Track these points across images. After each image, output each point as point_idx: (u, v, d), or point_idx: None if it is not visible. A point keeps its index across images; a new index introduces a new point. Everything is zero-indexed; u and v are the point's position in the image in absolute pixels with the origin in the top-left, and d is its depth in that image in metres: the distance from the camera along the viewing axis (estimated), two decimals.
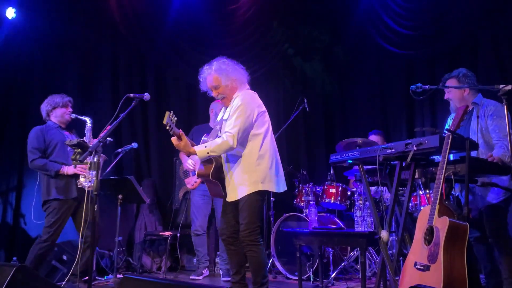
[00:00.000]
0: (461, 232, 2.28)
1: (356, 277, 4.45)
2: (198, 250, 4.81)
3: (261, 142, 3.10)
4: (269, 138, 3.17)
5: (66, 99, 4.07)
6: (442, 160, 2.44)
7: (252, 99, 3.12)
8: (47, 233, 3.80)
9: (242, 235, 3.03)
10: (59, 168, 3.83)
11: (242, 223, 3.04)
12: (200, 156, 3.01)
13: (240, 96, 3.10)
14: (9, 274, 2.66)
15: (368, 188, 3.07)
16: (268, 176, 3.09)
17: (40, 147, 3.87)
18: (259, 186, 3.05)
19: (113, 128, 3.10)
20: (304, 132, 6.39)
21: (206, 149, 2.98)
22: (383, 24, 5.66)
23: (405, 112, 5.69)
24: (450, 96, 3.27)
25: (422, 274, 2.32)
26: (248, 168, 3.07)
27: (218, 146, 2.99)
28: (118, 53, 6.02)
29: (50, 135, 3.94)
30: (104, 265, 4.97)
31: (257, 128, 3.10)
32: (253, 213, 3.04)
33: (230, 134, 2.98)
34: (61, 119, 4.03)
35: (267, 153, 3.12)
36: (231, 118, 3.04)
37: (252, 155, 3.07)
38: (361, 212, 3.57)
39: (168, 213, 5.64)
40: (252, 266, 3.06)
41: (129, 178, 4.40)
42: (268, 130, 3.17)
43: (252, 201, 3.04)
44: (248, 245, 3.02)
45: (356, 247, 4.19)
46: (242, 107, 3.03)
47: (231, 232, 3.18)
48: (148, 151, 5.99)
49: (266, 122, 3.16)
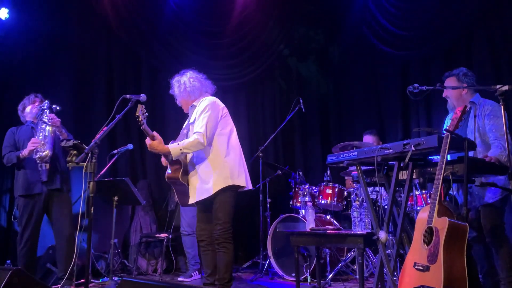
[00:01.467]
0: (460, 232, 2.28)
1: (353, 278, 4.45)
2: (187, 251, 4.79)
3: (227, 141, 3.33)
4: (234, 137, 3.41)
5: (32, 98, 4.18)
6: (441, 160, 2.44)
7: (215, 102, 3.38)
8: (21, 236, 3.86)
9: (218, 234, 3.18)
10: (18, 153, 3.91)
11: (216, 223, 3.19)
12: (173, 153, 3.16)
13: (205, 101, 3.37)
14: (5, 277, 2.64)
15: (366, 188, 3.06)
16: (237, 171, 3.29)
17: (8, 145, 4.03)
18: (229, 181, 3.22)
19: (109, 129, 3.08)
20: (299, 132, 6.39)
21: (178, 147, 3.17)
22: (378, 24, 5.67)
23: (401, 112, 5.70)
24: (448, 94, 3.29)
25: (422, 274, 2.31)
26: (217, 165, 3.24)
27: (190, 144, 3.18)
28: (112, 53, 5.97)
29: (19, 133, 4.08)
30: (100, 268, 4.92)
31: (222, 128, 3.34)
32: (228, 211, 3.22)
33: (200, 133, 3.20)
34: (31, 114, 4.12)
35: (234, 150, 3.34)
36: (199, 119, 3.27)
37: (219, 152, 3.27)
38: (358, 213, 3.56)
39: (163, 215, 5.60)
40: (223, 263, 3.19)
41: (125, 179, 4.37)
42: (232, 130, 3.42)
43: (225, 199, 3.21)
44: (223, 243, 3.18)
45: (354, 248, 4.19)
46: (208, 108, 3.28)
47: (209, 233, 3.31)
48: (143, 153, 5.94)
49: (229, 123, 3.42)
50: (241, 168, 3.33)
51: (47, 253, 4.70)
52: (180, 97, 3.49)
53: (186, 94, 3.44)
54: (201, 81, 3.48)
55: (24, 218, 3.88)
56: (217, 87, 6.13)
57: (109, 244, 4.39)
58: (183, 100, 3.49)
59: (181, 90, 3.44)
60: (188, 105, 3.48)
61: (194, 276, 4.75)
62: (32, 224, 3.88)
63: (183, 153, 3.21)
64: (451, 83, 3.25)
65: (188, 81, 3.43)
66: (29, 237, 3.87)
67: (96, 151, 3.00)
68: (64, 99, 5.53)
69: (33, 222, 3.89)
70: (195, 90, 3.42)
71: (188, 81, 3.43)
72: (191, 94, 3.43)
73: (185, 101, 3.48)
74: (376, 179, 2.90)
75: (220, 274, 3.20)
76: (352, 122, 6.25)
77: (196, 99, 3.44)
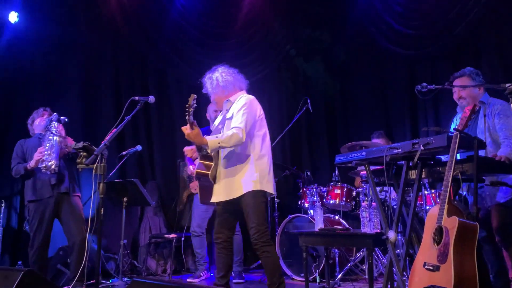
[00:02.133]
0: (470, 232, 2.27)
1: (362, 278, 4.44)
2: (197, 252, 4.80)
3: (261, 143, 3.18)
4: (267, 141, 3.26)
5: (41, 111, 4.23)
6: (450, 159, 2.43)
7: (255, 101, 3.24)
8: (32, 241, 3.90)
9: (254, 238, 3.03)
10: (26, 165, 3.96)
11: (251, 227, 3.04)
12: (211, 146, 2.98)
13: (245, 97, 3.21)
14: (17, 278, 2.67)
15: (375, 188, 3.05)
16: (267, 177, 3.15)
17: (17, 156, 4.08)
18: (257, 186, 3.07)
19: (119, 131, 3.11)
20: (307, 133, 6.38)
21: (217, 139, 2.99)
22: (385, 23, 5.65)
23: (408, 112, 5.68)
24: (463, 95, 3.21)
25: (432, 274, 2.31)
26: (247, 167, 3.10)
27: (229, 138, 2.99)
28: (119, 55, 6.02)
29: (27, 144, 4.13)
30: (109, 268, 4.96)
31: (258, 129, 3.19)
32: (260, 214, 3.05)
33: (240, 128, 3.02)
34: (40, 127, 4.15)
35: (267, 155, 3.20)
36: (238, 115, 3.09)
37: (252, 154, 3.13)
38: (367, 213, 3.56)
39: (172, 215, 5.64)
40: (268, 267, 3.05)
41: (134, 181, 4.40)
42: (266, 134, 3.26)
43: (256, 203, 3.06)
44: (262, 247, 3.02)
45: (363, 248, 4.18)
46: (248, 105, 3.13)
47: (227, 236, 3.19)
48: (152, 154, 5.99)
49: (264, 126, 3.27)
50: (271, 174, 3.19)
51: (58, 254, 4.75)
52: (213, 94, 3.32)
53: (219, 90, 3.28)
54: (233, 75, 3.32)
55: (35, 222, 3.92)
56: None
57: (119, 245, 4.42)
58: (217, 97, 3.32)
59: (213, 86, 3.28)
60: (223, 101, 3.31)
61: (203, 275, 4.76)
62: (43, 228, 3.93)
63: (220, 147, 3.02)
64: (465, 83, 3.20)
65: (221, 76, 3.27)
66: (41, 241, 3.91)
67: (106, 153, 3.03)
68: (72, 102, 5.60)
69: (45, 226, 3.94)
70: (228, 85, 3.27)
71: (220, 76, 3.27)
72: (224, 89, 3.27)
73: (219, 97, 3.32)
74: (385, 179, 2.91)
75: (268, 279, 3.06)
76: (359, 122, 6.23)
77: (230, 94, 3.29)
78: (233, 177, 3.11)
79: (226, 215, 3.20)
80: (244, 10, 6.18)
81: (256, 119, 3.18)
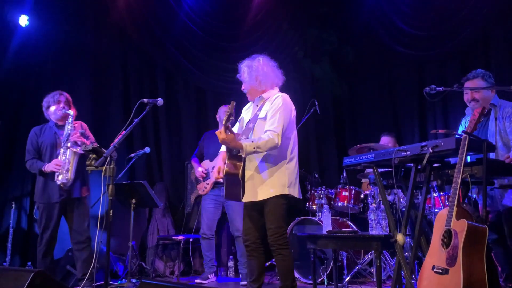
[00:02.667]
0: (480, 235, 2.26)
1: (370, 281, 4.42)
2: (205, 254, 4.80)
3: (292, 146, 3.11)
4: (295, 145, 3.17)
5: (57, 95, 4.11)
6: (459, 162, 2.42)
7: (290, 102, 3.15)
8: (41, 237, 3.94)
9: (272, 240, 2.99)
10: (42, 166, 3.95)
11: (270, 228, 3.00)
12: (246, 150, 2.89)
13: (281, 97, 3.10)
14: (27, 279, 2.69)
15: (383, 191, 3.04)
16: (294, 181, 3.08)
17: (32, 148, 4.05)
18: (285, 190, 3.02)
19: (128, 133, 3.13)
20: (315, 135, 6.38)
21: (253, 144, 2.90)
22: (392, 24, 5.64)
23: (417, 114, 5.66)
24: (476, 96, 3.18)
25: (441, 277, 2.30)
26: (278, 169, 3.03)
27: (265, 143, 2.91)
28: (128, 58, 6.06)
29: (43, 136, 4.07)
30: (118, 270, 4.99)
31: (290, 132, 3.10)
32: (281, 217, 3.01)
33: (275, 133, 2.94)
34: (55, 115, 4.09)
35: (295, 158, 3.13)
36: (274, 117, 3.00)
37: (283, 157, 3.05)
38: (375, 215, 3.55)
39: (180, 217, 5.65)
40: (282, 270, 3.03)
41: (143, 182, 4.42)
42: (296, 136, 3.19)
43: (278, 205, 3.01)
44: (278, 249, 2.99)
45: (371, 251, 4.17)
46: (284, 107, 3.03)
47: (255, 238, 3.11)
48: (160, 156, 6.01)
49: (295, 128, 3.19)
50: (297, 178, 3.13)
51: (67, 255, 4.78)
52: (249, 84, 3.16)
53: (257, 82, 3.13)
54: (274, 69, 3.19)
55: (43, 221, 3.96)
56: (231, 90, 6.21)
57: (127, 246, 4.44)
58: (252, 88, 3.17)
59: (252, 76, 3.12)
60: (257, 95, 3.18)
61: (210, 278, 4.77)
62: (51, 226, 3.97)
63: (256, 151, 2.92)
64: (478, 85, 3.17)
65: (262, 67, 3.12)
66: (48, 239, 3.95)
67: (115, 155, 3.05)
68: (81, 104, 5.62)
69: (52, 225, 3.97)
70: (267, 79, 3.14)
71: (261, 67, 3.12)
72: (262, 82, 3.13)
73: (254, 89, 3.17)
74: (393, 182, 2.90)
75: (281, 282, 3.02)
76: (367, 123, 6.22)
77: (267, 89, 3.16)
78: (263, 179, 3.04)
79: (254, 216, 3.12)
80: (252, 12, 6.19)
81: (289, 122, 3.09)
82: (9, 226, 4.86)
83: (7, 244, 4.77)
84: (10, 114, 5.29)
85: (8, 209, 4.96)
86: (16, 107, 5.44)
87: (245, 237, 3.16)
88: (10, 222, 4.88)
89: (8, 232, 4.84)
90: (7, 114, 5.21)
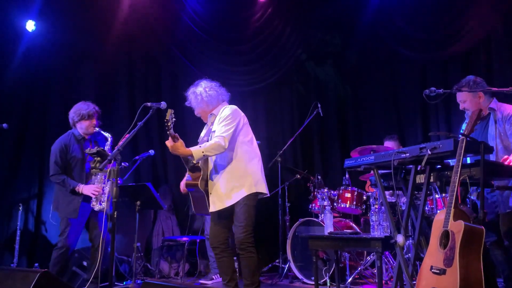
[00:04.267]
0: (477, 236, 2.29)
1: (373, 282, 4.44)
2: (210, 255, 4.85)
3: (249, 148, 3.34)
4: (255, 145, 3.43)
5: (92, 111, 4.14)
6: (456, 164, 2.45)
7: (237, 110, 3.39)
8: (60, 241, 3.98)
9: (241, 238, 3.15)
10: (75, 185, 3.98)
11: (240, 226, 3.17)
12: (195, 155, 3.13)
13: (228, 108, 3.38)
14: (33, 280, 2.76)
15: (383, 192, 3.08)
16: (260, 178, 3.31)
17: (61, 163, 4.02)
18: (253, 189, 3.23)
19: (131, 136, 3.18)
20: (318, 137, 6.41)
21: (200, 149, 3.14)
22: (396, 27, 5.65)
23: (420, 116, 5.66)
24: (465, 106, 3.22)
25: (438, 278, 2.33)
26: (240, 173, 3.25)
27: (211, 146, 3.15)
28: (133, 62, 6.13)
29: (73, 151, 4.07)
30: (123, 271, 5.05)
31: (244, 136, 3.35)
32: (250, 216, 3.20)
33: (221, 137, 3.18)
34: (86, 131, 4.14)
35: (256, 157, 3.36)
36: (221, 124, 3.26)
37: (242, 160, 3.28)
38: (377, 217, 3.57)
39: (184, 218, 5.71)
40: (249, 267, 3.17)
41: (147, 185, 4.48)
42: (253, 139, 3.43)
43: (248, 205, 3.20)
44: (248, 247, 3.16)
45: (372, 252, 4.19)
46: (231, 116, 3.29)
47: (224, 239, 3.32)
48: (165, 158, 6.07)
49: (250, 132, 3.44)
50: (262, 175, 3.34)
51: (73, 256, 4.84)
52: (198, 108, 3.49)
53: (204, 104, 3.44)
54: (216, 89, 3.48)
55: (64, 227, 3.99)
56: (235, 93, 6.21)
57: (132, 247, 4.50)
58: (201, 111, 3.49)
59: (198, 101, 3.44)
60: (207, 114, 3.49)
61: (215, 279, 4.82)
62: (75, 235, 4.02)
63: (205, 155, 3.16)
64: (464, 95, 3.20)
65: (204, 91, 3.43)
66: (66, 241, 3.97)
67: (119, 158, 3.10)
68: None
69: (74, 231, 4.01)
70: (212, 99, 3.43)
71: (204, 91, 3.43)
72: (209, 103, 3.43)
73: (204, 111, 3.49)
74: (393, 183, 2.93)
75: (248, 279, 3.16)
76: (370, 125, 6.23)
77: (214, 108, 3.46)
78: (226, 186, 3.24)
79: (220, 220, 3.32)
80: (256, 15, 6.24)
81: (241, 127, 3.33)
82: (16, 228, 4.94)
83: (15, 245, 4.85)
84: (17, 118, 5.37)
85: (16, 211, 5.03)
86: (24, 110, 5.51)
87: (212, 239, 3.35)
88: (17, 224, 4.95)
89: (16, 233, 4.92)
90: (15, 118, 5.29)
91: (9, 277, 2.99)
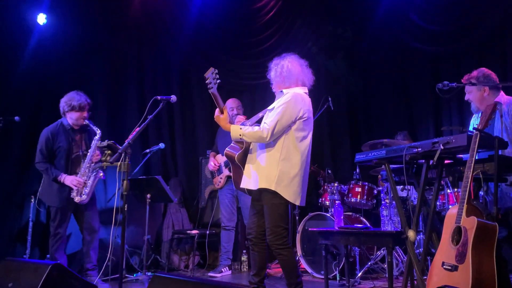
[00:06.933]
0: (490, 232, 2.26)
1: (383, 276, 4.43)
2: (223, 245, 4.88)
3: (293, 145, 3.05)
4: (304, 146, 3.09)
5: (84, 103, 4.13)
6: (470, 159, 2.41)
7: (300, 101, 3.07)
8: (53, 227, 4.08)
9: (269, 240, 3.04)
10: (58, 174, 4.02)
11: (267, 228, 3.05)
12: (232, 134, 3.02)
13: (290, 94, 3.08)
14: (45, 271, 2.79)
15: (394, 187, 3.05)
16: (286, 181, 3.01)
17: (46, 152, 4.08)
18: (272, 185, 3.00)
19: (142, 129, 3.19)
20: (328, 131, 6.37)
21: (240, 130, 3.02)
22: (408, 19, 5.57)
23: (432, 110, 5.60)
24: (470, 97, 3.21)
25: (450, 274, 2.30)
26: (268, 164, 3.02)
27: (252, 133, 3.00)
28: (143, 55, 6.13)
29: (59, 141, 4.10)
30: (133, 263, 5.09)
31: (298, 131, 3.06)
32: (278, 216, 3.02)
33: (267, 127, 2.97)
34: (75, 122, 4.14)
35: (296, 159, 3.04)
36: (274, 111, 3.03)
37: (278, 153, 3.02)
38: (387, 211, 3.55)
39: (194, 211, 5.73)
40: (285, 268, 3.09)
41: (157, 178, 4.49)
42: (305, 138, 3.10)
43: (273, 205, 3.03)
44: (277, 249, 3.02)
45: (383, 247, 4.17)
46: (287, 104, 3.01)
47: (257, 232, 3.17)
48: (175, 151, 6.09)
49: (307, 129, 3.11)
50: (294, 181, 3.02)
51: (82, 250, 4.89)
52: (274, 81, 3.21)
53: (281, 79, 3.16)
54: (299, 68, 3.19)
55: (58, 219, 4.08)
56: (245, 86, 6.23)
57: (143, 240, 4.53)
58: (277, 85, 3.21)
59: (277, 74, 3.17)
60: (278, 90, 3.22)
61: (224, 271, 4.83)
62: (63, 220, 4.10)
63: (241, 139, 3.03)
64: (470, 88, 3.17)
65: (286, 65, 3.15)
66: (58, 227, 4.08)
67: (129, 151, 3.11)
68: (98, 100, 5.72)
69: (66, 223, 4.13)
70: (290, 76, 3.14)
71: (286, 65, 3.15)
72: (286, 79, 3.15)
73: (278, 85, 3.20)
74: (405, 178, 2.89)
75: (286, 279, 3.09)
76: (381, 119, 6.18)
77: (290, 87, 3.15)
78: (253, 169, 3.09)
79: (256, 213, 3.18)
80: (266, 8, 6.20)
81: (294, 119, 3.02)
82: (28, 219, 4.99)
83: (27, 237, 4.90)
84: (29, 111, 5.40)
85: (28, 203, 5.08)
86: (35, 104, 5.54)
87: (248, 230, 3.25)
88: (29, 216, 5.00)
89: (28, 225, 4.97)
90: (27, 111, 5.32)
91: (22, 269, 3.03)
